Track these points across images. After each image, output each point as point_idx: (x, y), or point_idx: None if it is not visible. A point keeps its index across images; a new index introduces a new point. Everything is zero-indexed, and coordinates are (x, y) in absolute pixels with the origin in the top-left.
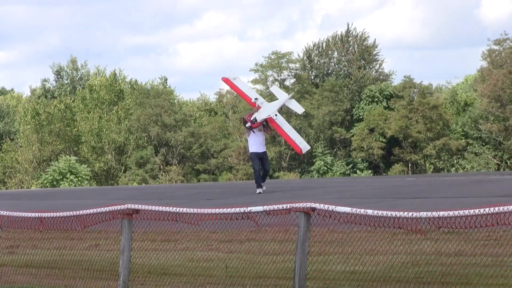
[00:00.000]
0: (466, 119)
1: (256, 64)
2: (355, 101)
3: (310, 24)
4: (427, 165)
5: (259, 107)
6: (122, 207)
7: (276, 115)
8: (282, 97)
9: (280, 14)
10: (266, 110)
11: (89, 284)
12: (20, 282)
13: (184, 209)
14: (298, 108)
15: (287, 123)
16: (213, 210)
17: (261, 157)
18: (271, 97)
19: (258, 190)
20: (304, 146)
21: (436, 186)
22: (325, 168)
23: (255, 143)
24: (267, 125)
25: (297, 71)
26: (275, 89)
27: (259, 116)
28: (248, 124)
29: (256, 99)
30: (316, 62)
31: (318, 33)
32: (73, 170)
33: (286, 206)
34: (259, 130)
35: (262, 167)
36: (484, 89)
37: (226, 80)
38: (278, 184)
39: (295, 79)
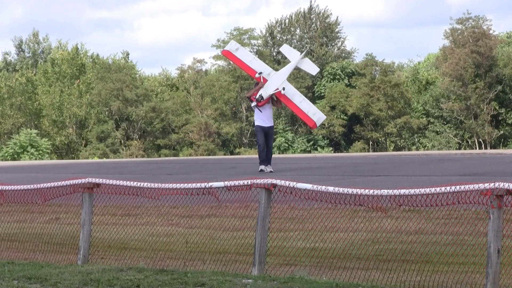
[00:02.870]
0: (427, 98)
1: (218, 40)
2: (316, 78)
3: (274, 0)
4: (388, 143)
5: (265, 81)
6: (83, 181)
7: (284, 88)
8: (294, 57)
9: None
10: (273, 83)
11: (49, 258)
12: None
13: (145, 184)
14: (312, 68)
15: (298, 93)
16: (174, 185)
17: (266, 132)
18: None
19: (261, 167)
20: (318, 117)
21: (397, 164)
22: (286, 145)
23: (261, 117)
24: (276, 98)
25: (259, 48)
26: (286, 48)
27: (265, 92)
28: (254, 103)
29: (260, 73)
30: (278, 39)
31: (282, 10)
32: (33, 144)
33: (247, 182)
34: (267, 103)
35: (265, 144)
36: (446, 68)
37: (227, 53)
38: (239, 160)
39: (256, 56)
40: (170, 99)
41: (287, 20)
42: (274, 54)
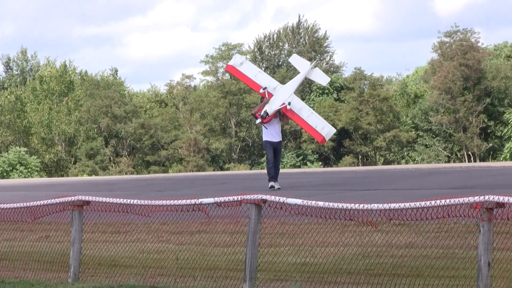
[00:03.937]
0: (416, 111)
1: (207, 56)
2: (305, 92)
3: (263, 15)
4: (378, 157)
5: (270, 96)
6: (73, 198)
7: (289, 103)
8: (304, 68)
9: (234, 5)
10: (279, 98)
11: (39, 276)
12: None
13: (135, 201)
14: (322, 78)
15: (305, 106)
16: (164, 202)
17: (274, 147)
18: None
19: (271, 184)
20: (327, 131)
21: (386, 178)
22: None
23: (269, 132)
24: (282, 113)
25: None
26: (295, 58)
27: (270, 107)
28: (259, 120)
29: (265, 88)
30: (267, 53)
31: (272, 25)
32: (22, 162)
33: (237, 198)
34: (275, 117)
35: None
36: (434, 81)
37: (231, 69)
38: (229, 176)
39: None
40: (159, 115)
41: (275, 35)
42: (263, 69)
